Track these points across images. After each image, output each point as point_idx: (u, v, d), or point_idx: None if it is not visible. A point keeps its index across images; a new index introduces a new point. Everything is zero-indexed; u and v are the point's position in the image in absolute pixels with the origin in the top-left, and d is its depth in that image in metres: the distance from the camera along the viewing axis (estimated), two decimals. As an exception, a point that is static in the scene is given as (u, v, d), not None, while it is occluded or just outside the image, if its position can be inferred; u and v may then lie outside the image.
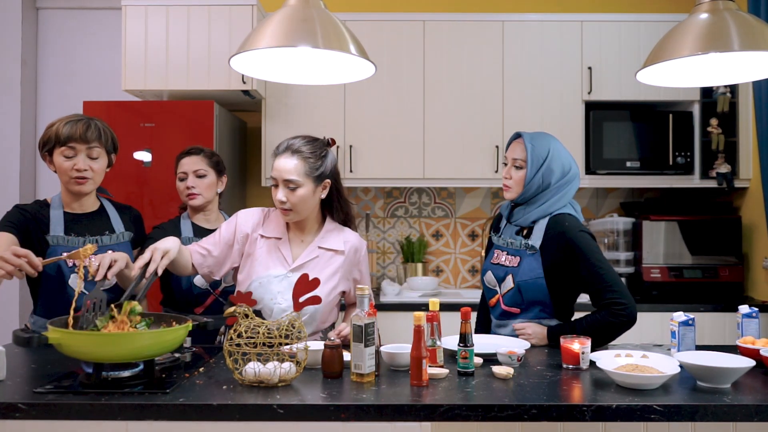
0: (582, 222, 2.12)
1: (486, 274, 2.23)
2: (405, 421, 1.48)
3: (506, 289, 2.13)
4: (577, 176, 2.16)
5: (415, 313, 1.67)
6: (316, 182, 2.03)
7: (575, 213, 2.14)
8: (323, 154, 2.04)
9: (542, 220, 2.11)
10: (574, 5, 3.90)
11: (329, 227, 2.13)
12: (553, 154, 2.11)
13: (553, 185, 2.11)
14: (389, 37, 3.59)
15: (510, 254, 2.16)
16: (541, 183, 2.11)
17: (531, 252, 2.09)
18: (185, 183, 2.47)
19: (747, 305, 2.06)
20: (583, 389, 1.62)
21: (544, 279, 2.06)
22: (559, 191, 2.11)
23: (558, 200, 2.11)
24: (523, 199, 2.15)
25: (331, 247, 2.09)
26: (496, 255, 2.21)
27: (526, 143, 2.12)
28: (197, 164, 2.48)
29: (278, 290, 2.03)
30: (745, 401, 1.51)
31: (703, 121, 3.55)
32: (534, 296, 2.09)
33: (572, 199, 2.16)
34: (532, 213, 2.12)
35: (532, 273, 2.07)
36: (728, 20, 1.85)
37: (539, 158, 2.10)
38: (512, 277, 2.11)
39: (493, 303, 2.20)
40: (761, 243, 3.46)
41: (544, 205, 2.11)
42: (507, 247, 2.18)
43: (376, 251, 3.96)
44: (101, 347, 1.54)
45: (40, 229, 2.10)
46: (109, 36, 3.94)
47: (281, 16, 1.87)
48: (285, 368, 1.61)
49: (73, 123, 2.10)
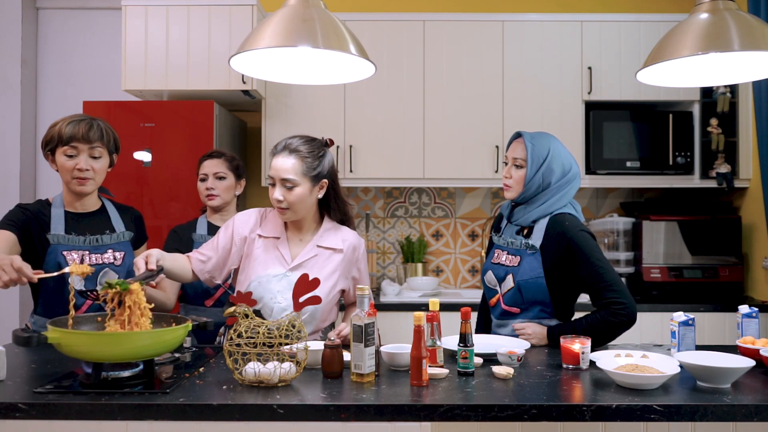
0: (582, 222, 2.12)
1: (486, 274, 2.23)
2: (405, 421, 1.48)
3: (506, 288, 2.13)
4: (578, 176, 2.16)
5: (415, 313, 1.67)
6: (313, 182, 2.04)
7: (576, 213, 2.14)
8: (321, 154, 2.05)
9: (542, 220, 2.11)
10: (574, 5, 3.90)
11: (327, 226, 2.14)
12: (554, 153, 2.11)
13: (553, 185, 2.11)
14: (389, 37, 3.59)
15: (510, 254, 2.16)
16: (542, 182, 2.11)
17: (531, 251, 2.09)
18: (205, 184, 2.58)
19: (747, 305, 2.06)
20: (583, 389, 1.62)
21: (545, 278, 2.06)
22: (559, 191, 2.11)
23: (558, 200, 2.11)
24: (523, 198, 2.15)
25: (330, 246, 2.10)
26: (497, 255, 2.21)
27: (527, 142, 2.12)
28: (217, 167, 2.58)
29: (278, 289, 2.04)
30: (745, 401, 1.51)
31: (703, 121, 3.55)
32: (534, 296, 2.08)
33: (573, 199, 2.17)
34: (533, 212, 2.12)
35: (533, 272, 2.07)
36: (728, 20, 1.85)
37: (539, 157, 2.10)
38: (512, 276, 2.11)
39: (493, 303, 2.20)
40: (761, 243, 3.46)
41: (544, 204, 2.11)
42: (507, 246, 2.18)
43: (376, 251, 3.96)
44: (100, 347, 1.54)
45: (41, 228, 2.11)
46: (109, 36, 3.94)
47: (281, 16, 1.88)
48: (285, 368, 1.61)
49: (75, 123, 2.11)
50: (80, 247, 2.13)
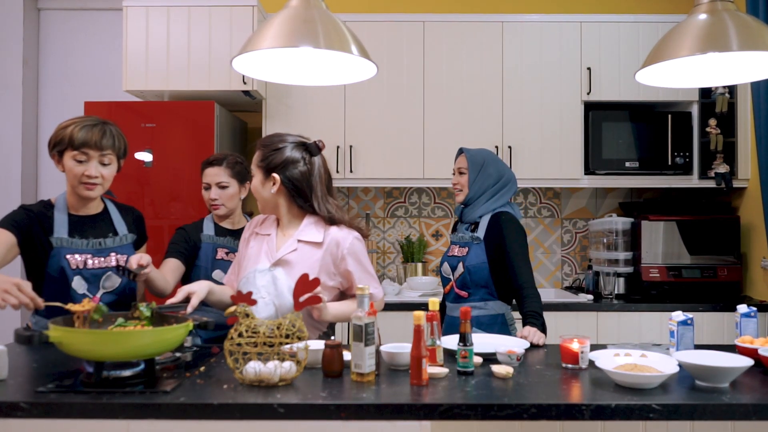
0: (519, 219, 2.51)
1: (443, 266, 2.63)
2: (405, 420, 1.48)
3: (458, 274, 2.51)
4: (513, 180, 2.57)
5: (415, 313, 1.67)
6: (264, 174, 2.08)
7: (513, 211, 2.53)
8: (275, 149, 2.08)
9: (486, 216, 2.52)
10: (573, 6, 3.91)
11: (310, 221, 2.10)
12: (488, 161, 2.55)
13: (491, 187, 2.53)
14: (389, 37, 3.60)
15: (461, 246, 2.56)
16: (482, 184, 2.53)
17: (477, 242, 2.49)
18: (209, 193, 2.55)
19: (745, 305, 2.07)
20: (582, 388, 1.63)
21: (488, 264, 2.44)
22: (497, 192, 2.53)
23: (497, 200, 2.53)
24: (470, 200, 2.56)
25: (310, 240, 2.07)
26: (451, 249, 2.62)
27: (467, 154, 2.58)
28: (219, 176, 2.53)
29: (262, 284, 2.06)
30: (744, 400, 1.52)
31: (702, 122, 3.56)
32: (479, 279, 2.46)
33: (510, 201, 2.57)
34: (478, 210, 2.54)
35: (478, 259, 2.46)
36: (727, 21, 1.86)
37: (477, 164, 2.55)
38: (462, 263, 2.50)
39: (447, 290, 2.58)
40: (759, 243, 3.46)
41: (486, 203, 2.53)
42: (459, 241, 2.59)
43: (376, 251, 3.97)
44: (102, 346, 1.54)
45: (44, 231, 2.09)
46: (110, 37, 3.95)
47: (283, 17, 1.88)
48: (285, 367, 1.62)
49: (88, 128, 2.07)
50: (83, 250, 2.11)
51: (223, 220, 2.61)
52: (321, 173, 2.10)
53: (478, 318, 2.44)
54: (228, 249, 2.53)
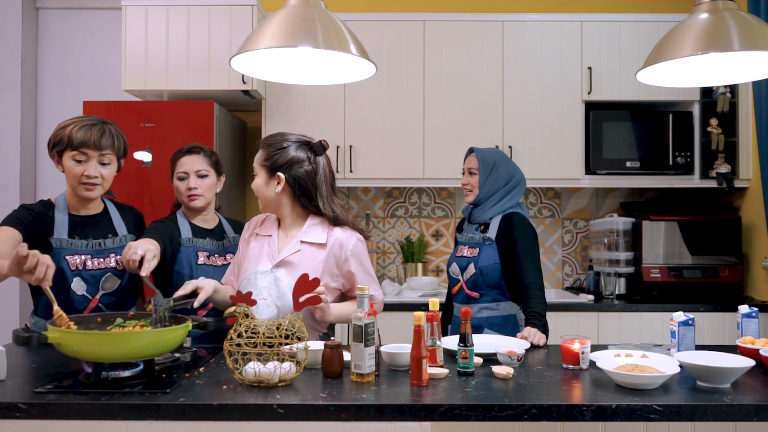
0: (529, 220, 2.50)
1: (451, 266, 2.60)
2: (405, 420, 1.48)
3: (469, 275, 2.49)
4: (523, 180, 2.56)
5: (415, 313, 1.67)
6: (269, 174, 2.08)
7: (523, 212, 2.53)
8: (280, 148, 2.08)
9: (497, 217, 2.51)
10: (574, 5, 3.90)
11: (313, 222, 2.10)
12: (499, 162, 2.53)
13: (502, 187, 2.51)
14: (389, 37, 3.60)
15: (471, 247, 2.54)
16: (493, 185, 2.51)
17: (488, 243, 2.48)
18: (186, 183, 2.35)
19: (747, 305, 2.07)
20: (583, 389, 1.62)
21: (500, 265, 2.43)
22: (508, 193, 2.52)
23: (508, 201, 2.52)
24: (480, 200, 2.54)
25: (314, 241, 2.07)
26: (460, 249, 2.59)
27: (478, 155, 2.55)
28: (198, 164, 2.36)
29: (263, 285, 2.05)
30: (745, 401, 1.51)
31: (703, 121, 3.56)
32: (492, 279, 2.45)
33: (520, 202, 2.56)
34: (489, 211, 2.52)
35: (490, 260, 2.45)
36: (728, 20, 1.85)
37: (488, 165, 2.52)
38: (474, 264, 2.48)
39: (455, 291, 2.55)
40: (761, 243, 3.46)
41: (497, 204, 2.52)
42: (469, 242, 2.56)
43: (376, 251, 3.96)
44: (100, 346, 1.54)
45: (45, 231, 2.09)
46: (109, 36, 3.95)
47: (282, 17, 1.88)
48: (285, 368, 1.62)
49: (87, 128, 2.06)
50: (83, 251, 2.11)
51: (196, 216, 2.40)
52: (326, 173, 2.11)
53: (490, 319, 2.44)
54: (209, 252, 2.36)
